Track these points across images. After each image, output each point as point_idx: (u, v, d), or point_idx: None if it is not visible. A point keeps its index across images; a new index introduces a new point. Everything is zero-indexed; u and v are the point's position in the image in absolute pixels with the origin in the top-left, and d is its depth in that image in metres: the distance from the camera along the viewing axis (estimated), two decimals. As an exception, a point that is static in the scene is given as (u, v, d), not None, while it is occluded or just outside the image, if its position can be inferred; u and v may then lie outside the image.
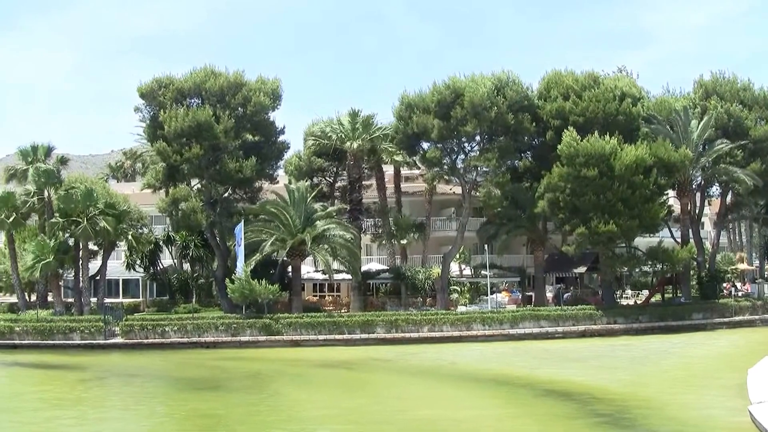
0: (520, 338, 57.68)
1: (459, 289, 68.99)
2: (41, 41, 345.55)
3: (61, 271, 65.91)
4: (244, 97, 63.94)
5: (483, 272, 67.70)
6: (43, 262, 61.75)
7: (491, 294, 66.20)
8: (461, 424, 30.14)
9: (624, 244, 65.08)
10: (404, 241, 72.12)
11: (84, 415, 33.90)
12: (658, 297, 71.54)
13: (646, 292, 74.87)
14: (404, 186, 77.73)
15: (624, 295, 77.59)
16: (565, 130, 60.69)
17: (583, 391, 36.26)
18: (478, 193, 67.61)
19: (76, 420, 32.57)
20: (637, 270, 74.39)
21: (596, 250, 63.90)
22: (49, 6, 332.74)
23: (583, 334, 59.00)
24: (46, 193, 66.43)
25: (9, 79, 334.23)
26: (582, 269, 70.07)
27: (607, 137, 59.79)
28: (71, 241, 64.79)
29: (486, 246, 66.78)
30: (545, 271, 69.90)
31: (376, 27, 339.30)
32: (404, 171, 77.17)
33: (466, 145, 66.21)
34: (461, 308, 64.56)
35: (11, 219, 65.10)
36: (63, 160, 70.45)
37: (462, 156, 66.43)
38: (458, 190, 70.79)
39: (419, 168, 73.83)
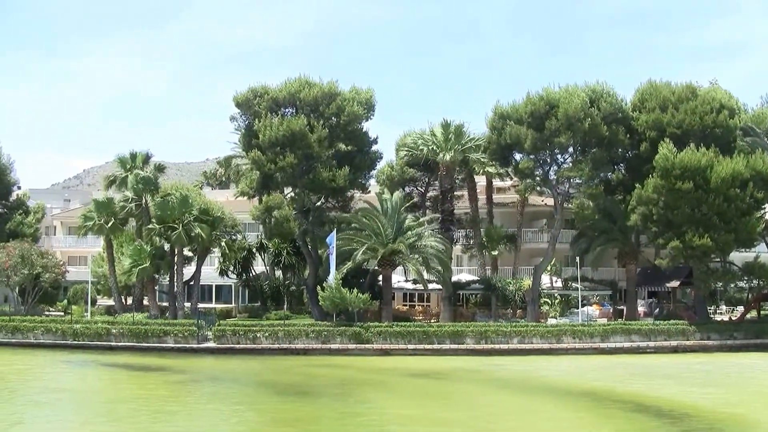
0: (611, 352, 56.84)
1: (549, 302, 68.46)
2: (141, 53, 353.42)
3: (156, 275, 67.48)
4: (338, 107, 64.37)
5: (574, 285, 66.99)
6: (139, 266, 63.26)
7: (582, 307, 65.48)
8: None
9: (719, 259, 63.69)
10: (495, 252, 71.75)
11: (176, 416, 34.65)
12: (753, 313, 69.90)
13: (741, 309, 73.25)
14: (496, 197, 77.35)
15: (718, 311, 75.99)
16: (661, 143, 59.81)
17: (675, 407, 35.82)
18: (570, 205, 67.03)
19: (167, 420, 33.33)
20: (732, 285, 72.74)
21: (690, 264, 62.77)
22: (149, 20, 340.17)
23: (675, 350, 57.97)
24: (143, 200, 68.01)
25: (111, 89, 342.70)
26: (675, 284, 68.88)
27: (704, 150, 58.83)
28: (167, 247, 66.21)
29: (577, 258, 66.17)
30: (637, 285, 68.85)
31: (470, 39, 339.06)
32: (496, 182, 76.84)
33: (559, 156, 65.63)
34: (551, 320, 64.07)
35: (110, 224, 66.94)
36: (160, 168, 71.99)
37: (555, 167, 65.86)
38: (550, 201, 70.27)
39: (511, 179, 73.49)
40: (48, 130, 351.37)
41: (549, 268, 68.78)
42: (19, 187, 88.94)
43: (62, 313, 71.73)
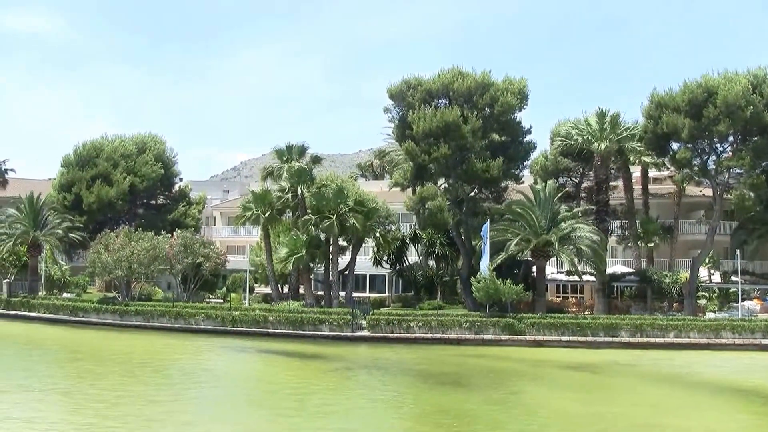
0: (774, 349, 55.09)
1: (707, 295, 66.84)
2: (296, 49, 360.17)
3: (312, 265, 68.75)
4: (491, 98, 64.19)
5: (733, 278, 65.27)
6: (295, 256, 64.64)
7: (742, 301, 63.67)
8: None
9: None
10: (651, 244, 70.46)
11: (330, 402, 35.41)
12: None
13: None
14: (652, 187, 75.91)
15: None
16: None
17: None
18: (729, 196, 65.26)
19: (322, 407, 34.12)
20: None
21: None
22: (302, 13, 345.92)
23: (844, 348, 55.65)
24: (299, 191, 69.24)
25: (267, 83, 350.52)
26: (844, 278, 66.25)
27: None
28: (322, 237, 67.29)
29: (737, 251, 64.39)
30: (801, 279, 66.61)
31: (624, 26, 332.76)
32: (652, 172, 75.36)
33: (718, 145, 63.67)
34: (709, 315, 62.47)
35: (267, 214, 68.34)
36: (316, 160, 73.27)
37: (713, 157, 64.08)
38: (708, 192, 68.47)
39: (668, 169, 71.89)
40: (207, 124, 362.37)
41: (707, 260, 67.17)
42: (181, 179, 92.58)
43: (221, 301, 73.91)
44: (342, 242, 68.99)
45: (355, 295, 69.83)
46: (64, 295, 76.08)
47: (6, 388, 36.60)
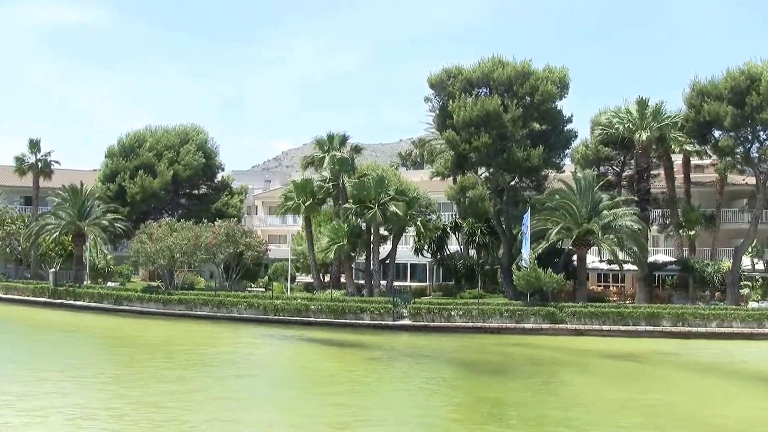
0: (818, 338, 54.57)
1: (750, 284, 66.40)
2: (335, 39, 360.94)
3: (353, 254, 68.99)
4: (532, 86, 64.11)
5: (777, 267, 64.83)
6: (337, 245, 64.91)
7: (786, 290, 63.28)
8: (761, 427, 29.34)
9: None
10: (693, 233, 70.00)
11: (370, 388, 35.94)
12: None
13: None
14: (693, 176, 75.28)
15: None
16: None
17: None
18: (773, 184, 64.76)
19: (362, 393, 34.57)
20: None
21: None
22: (343, 5, 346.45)
23: None
24: (340, 180, 69.55)
25: (306, 73, 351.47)
26: None
27: None
28: (363, 226, 67.59)
29: (781, 240, 63.97)
30: None
31: (665, 13, 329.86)
32: (694, 160, 74.80)
33: (761, 133, 63.24)
34: (753, 304, 62.13)
35: (308, 204, 68.75)
36: (357, 149, 73.51)
37: (756, 145, 63.61)
38: (751, 180, 67.94)
39: (710, 157, 71.41)
40: (249, 115, 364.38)
41: (750, 249, 66.68)
42: (223, 169, 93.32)
43: (263, 290, 74.45)
44: (383, 231, 69.22)
45: (396, 283, 70.15)
46: (109, 284, 77.06)
47: (53, 373, 37.20)
